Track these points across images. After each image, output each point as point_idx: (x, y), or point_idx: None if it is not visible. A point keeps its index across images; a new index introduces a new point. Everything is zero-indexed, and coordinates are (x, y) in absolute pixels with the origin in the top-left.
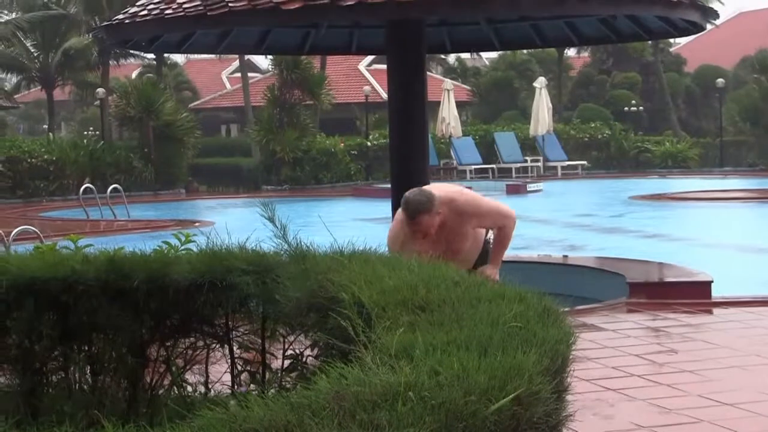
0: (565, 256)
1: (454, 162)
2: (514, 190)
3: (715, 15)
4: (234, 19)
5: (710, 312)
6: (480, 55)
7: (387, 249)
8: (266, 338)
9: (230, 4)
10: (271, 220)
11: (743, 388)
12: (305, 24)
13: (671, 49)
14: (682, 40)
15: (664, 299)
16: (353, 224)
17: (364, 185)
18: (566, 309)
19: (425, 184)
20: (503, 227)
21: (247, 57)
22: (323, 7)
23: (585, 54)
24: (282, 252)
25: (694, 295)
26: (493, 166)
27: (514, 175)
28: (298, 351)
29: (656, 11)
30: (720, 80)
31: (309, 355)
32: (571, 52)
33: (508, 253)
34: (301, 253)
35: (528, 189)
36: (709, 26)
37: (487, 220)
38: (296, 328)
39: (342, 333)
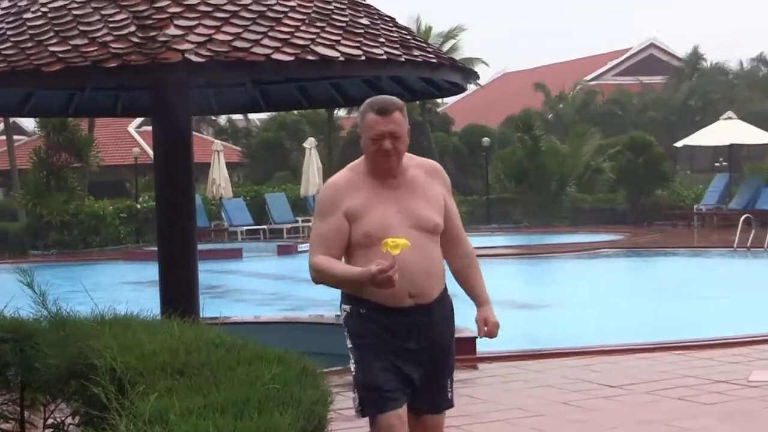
0: (338, 316)
1: (225, 223)
2: (286, 251)
3: (475, 76)
4: None
5: (475, 367)
6: (247, 117)
7: (320, 202)
8: (26, 407)
9: None
10: (30, 286)
11: None
12: (68, 86)
13: (439, 109)
14: (450, 100)
15: None
16: (122, 288)
17: (134, 248)
18: (336, 368)
19: (194, 247)
20: (470, 251)
21: (12, 119)
22: (85, 69)
23: (354, 114)
24: (42, 319)
25: (460, 350)
26: (265, 227)
27: (285, 235)
28: (59, 419)
29: (419, 73)
30: (485, 139)
31: (71, 424)
32: (341, 112)
33: (277, 314)
34: (61, 319)
35: (299, 249)
36: (472, 86)
37: (453, 214)
38: (57, 396)
39: (101, 400)
